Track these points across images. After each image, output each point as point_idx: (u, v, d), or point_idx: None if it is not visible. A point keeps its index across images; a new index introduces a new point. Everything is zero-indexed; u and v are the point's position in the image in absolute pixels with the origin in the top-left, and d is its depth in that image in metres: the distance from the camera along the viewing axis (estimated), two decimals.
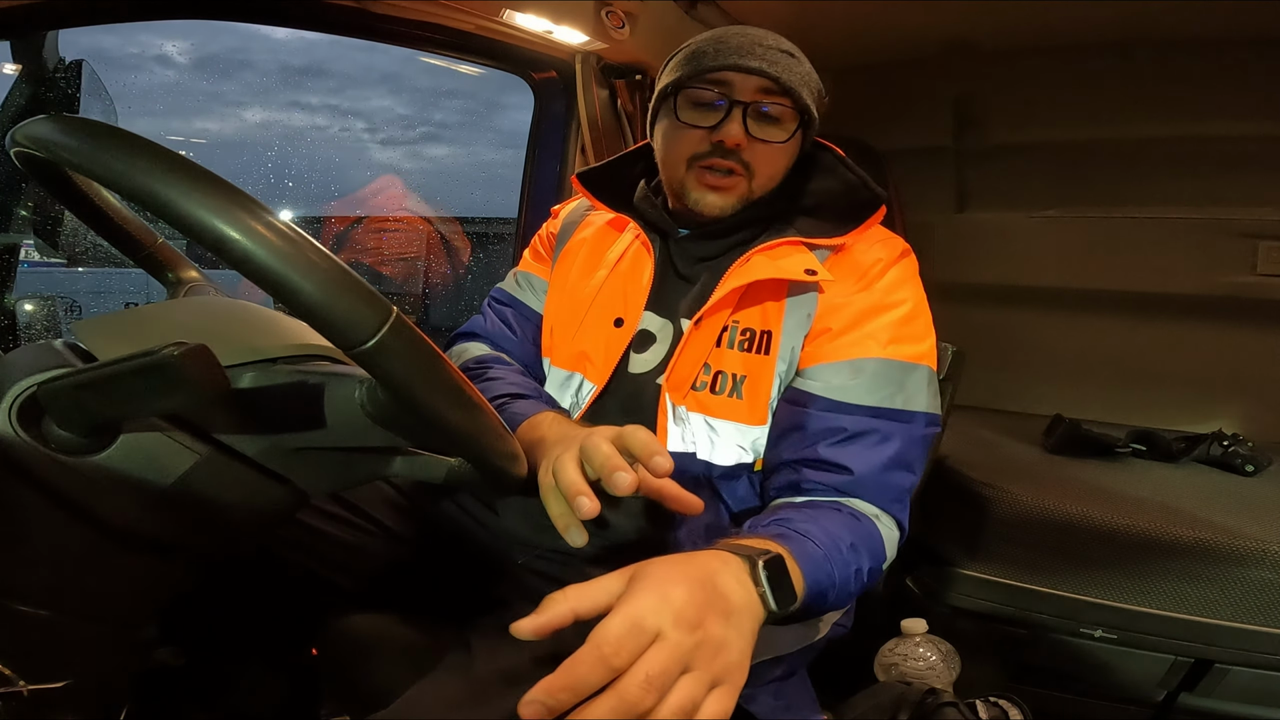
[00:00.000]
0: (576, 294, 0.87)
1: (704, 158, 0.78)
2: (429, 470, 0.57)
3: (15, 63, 1.00)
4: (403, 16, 1.22)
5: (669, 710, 0.40)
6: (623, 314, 0.82)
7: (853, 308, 0.76)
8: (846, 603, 0.67)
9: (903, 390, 0.74)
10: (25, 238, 1.09)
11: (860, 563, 0.66)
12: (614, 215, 0.89)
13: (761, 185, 0.80)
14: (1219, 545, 1.00)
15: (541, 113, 1.53)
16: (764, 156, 0.78)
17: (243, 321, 0.57)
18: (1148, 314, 1.56)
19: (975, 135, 1.62)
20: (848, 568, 0.64)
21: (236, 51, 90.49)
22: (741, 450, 0.77)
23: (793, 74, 0.77)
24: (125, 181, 0.36)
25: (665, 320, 0.82)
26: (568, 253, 0.92)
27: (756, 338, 0.76)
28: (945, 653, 0.98)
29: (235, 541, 0.58)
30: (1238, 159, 1.41)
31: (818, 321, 0.76)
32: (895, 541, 0.73)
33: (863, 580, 0.67)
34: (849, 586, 0.65)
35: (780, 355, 0.76)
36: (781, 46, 0.79)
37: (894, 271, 0.78)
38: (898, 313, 0.76)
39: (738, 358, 0.76)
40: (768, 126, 0.78)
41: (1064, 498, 1.10)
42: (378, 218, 2.43)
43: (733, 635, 0.45)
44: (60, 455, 0.45)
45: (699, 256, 0.83)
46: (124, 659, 0.56)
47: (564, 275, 0.90)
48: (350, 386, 0.48)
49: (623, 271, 0.85)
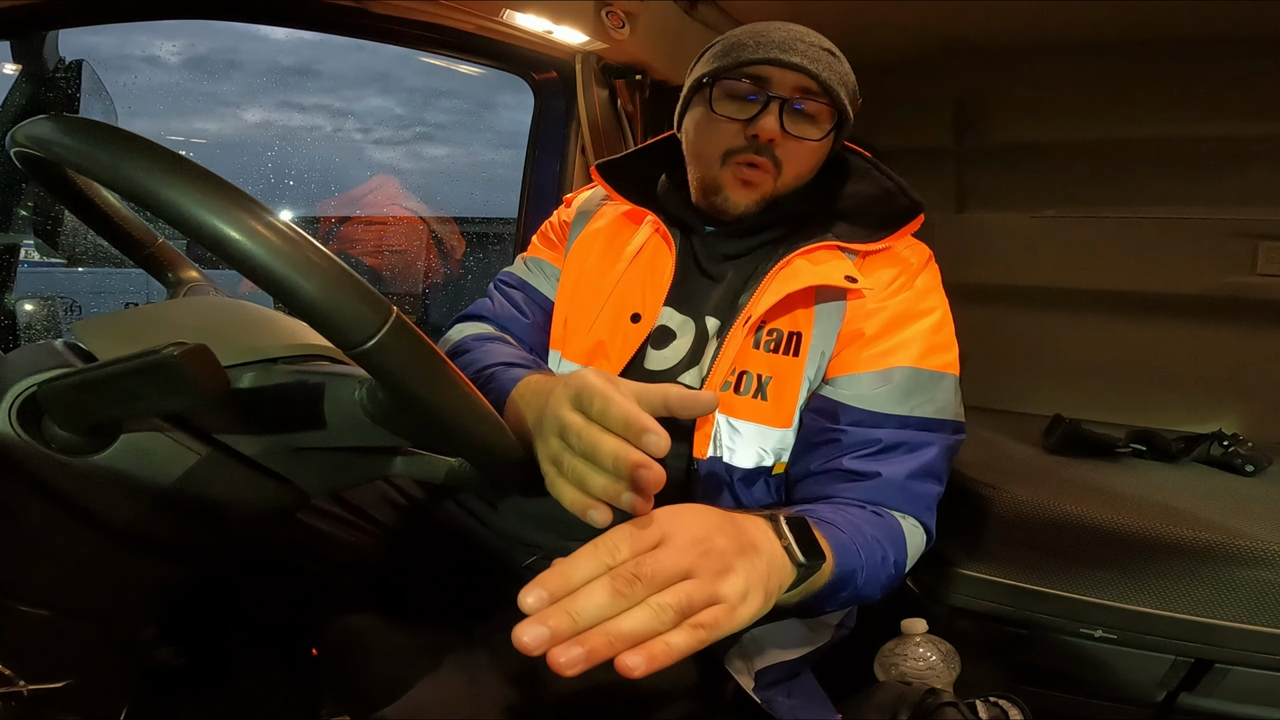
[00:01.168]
0: (593, 287, 0.84)
1: (739, 153, 0.76)
2: (429, 470, 0.57)
3: (15, 63, 1.00)
4: (402, 16, 1.22)
5: (660, 603, 0.38)
6: (640, 309, 0.80)
7: (886, 313, 0.75)
8: (878, 592, 0.65)
9: (933, 400, 0.73)
10: (25, 238, 1.09)
11: (886, 552, 0.65)
12: (631, 207, 0.87)
13: (787, 184, 0.79)
14: (1219, 545, 1.00)
15: (541, 113, 1.53)
16: (795, 154, 0.77)
17: (243, 321, 0.57)
18: (1148, 314, 1.56)
19: (975, 135, 1.62)
20: (874, 553, 0.63)
21: (229, 52, 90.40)
22: (762, 453, 0.76)
23: (833, 73, 0.76)
24: (125, 181, 0.36)
25: (686, 318, 0.80)
26: (581, 243, 0.89)
27: (785, 339, 0.75)
28: (945, 653, 0.98)
29: (235, 541, 0.58)
30: (1238, 159, 1.41)
31: (848, 325, 0.75)
32: (920, 546, 0.72)
33: (890, 570, 0.66)
34: (878, 574, 0.63)
35: (810, 358, 0.74)
36: (823, 44, 0.78)
37: (924, 277, 0.78)
38: (929, 321, 0.76)
39: (765, 359, 0.75)
40: (803, 124, 0.77)
41: (1064, 498, 1.10)
42: (370, 218, 2.43)
43: (743, 566, 0.43)
44: (60, 455, 0.45)
45: (725, 254, 0.82)
46: (124, 659, 0.56)
47: (578, 266, 0.87)
48: (350, 386, 0.48)
49: (641, 266, 0.83)
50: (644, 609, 0.37)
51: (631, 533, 0.40)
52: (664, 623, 0.37)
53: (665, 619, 0.37)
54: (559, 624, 0.36)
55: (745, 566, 0.43)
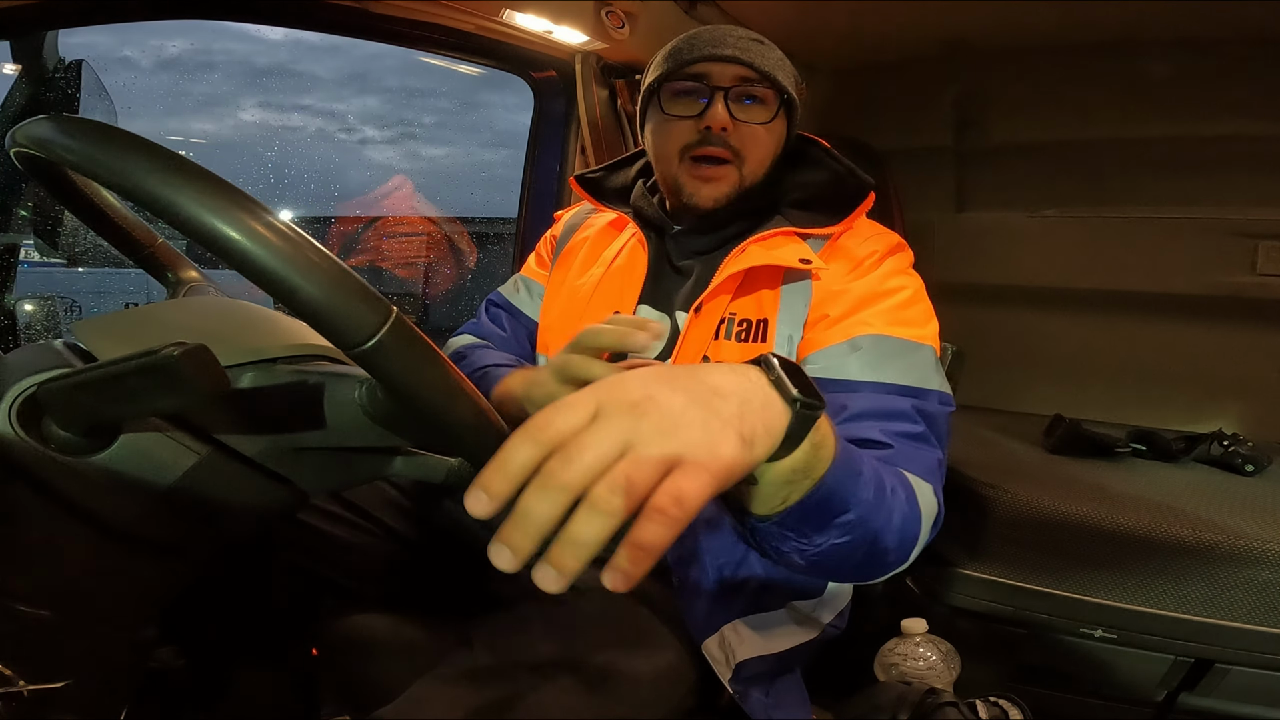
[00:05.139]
0: (574, 291, 0.89)
1: (694, 147, 0.80)
2: (429, 470, 0.57)
3: (15, 63, 1.00)
4: (403, 16, 1.22)
5: (600, 496, 0.32)
6: (618, 308, 0.84)
7: (850, 295, 0.75)
8: (892, 537, 0.57)
9: (912, 367, 0.71)
10: (25, 238, 1.09)
11: (896, 486, 0.58)
12: (615, 215, 0.92)
13: (752, 172, 0.81)
14: (1219, 545, 1.00)
15: (541, 113, 1.53)
16: (751, 139, 0.80)
17: (243, 321, 0.57)
18: (1148, 314, 1.56)
19: (975, 135, 1.62)
20: (881, 477, 0.56)
21: (222, 53, 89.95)
22: None
23: (766, 59, 0.80)
24: (125, 181, 0.36)
25: (661, 313, 0.83)
26: (567, 253, 0.94)
27: (753, 327, 0.77)
28: (945, 653, 0.98)
29: (235, 541, 0.58)
30: (1238, 159, 1.41)
31: (814, 310, 0.76)
32: (932, 509, 0.63)
33: (904, 508, 0.58)
34: (888, 503, 0.56)
35: (777, 344, 0.76)
36: (751, 36, 0.82)
37: (890, 262, 0.79)
38: (896, 299, 0.75)
39: (736, 349, 0.77)
40: (750, 109, 0.80)
41: (1064, 498, 1.10)
42: (367, 217, 2.44)
43: (698, 414, 0.36)
44: (60, 455, 0.45)
45: (693, 250, 0.85)
46: (124, 659, 0.56)
47: (562, 275, 0.92)
48: (350, 386, 0.48)
49: (619, 268, 0.87)
50: (589, 509, 0.32)
51: (560, 410, 0.34)
52: (616, 516, 0.32)
53: (616, 511, 0.32)
54: (519, 542, 0.32)
55: (701, 414, 0.36)
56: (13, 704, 0.46)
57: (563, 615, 0.67)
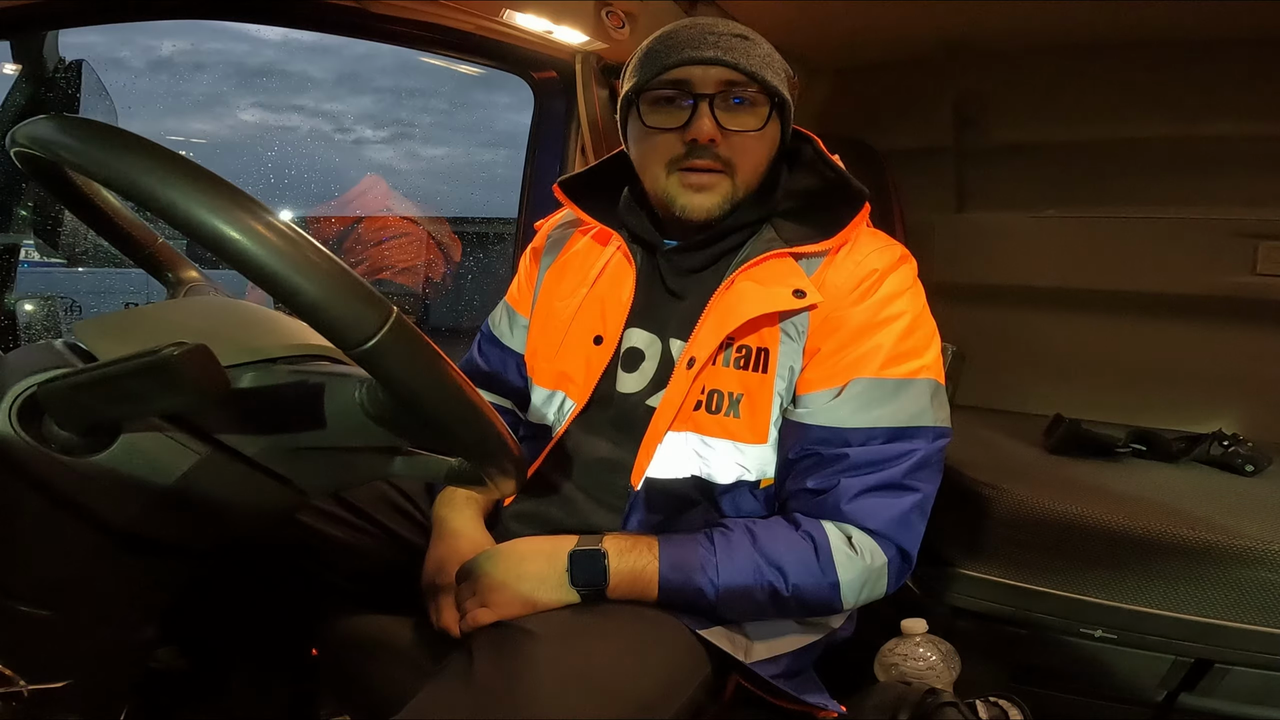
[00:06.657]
0: (557, 314, 0.84)
1: (682, 160, 0.74)
2: (429, 470, 0.57)
3: (15, 63, 1.00)
4: (402, 16, 1.22)
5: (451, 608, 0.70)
6: (601, 331, 0.80)
7: (848, 325, 0.73)
8: (768, 610, 0.71)
9: (901, 409, 0.72)
10: (25, 238, 1.09)
11: (775, 579, 0.69)
12: (599, 229, 0.85)
13: (745, 181, 0.76)
14: (1219, 545, 1.00)
15: (541, 113, 1.53)
16: (741, 149, 0.75)
17: (243, 321, 0.57)
18: (1148, 314, 1.56)
19: (975, 135, 1.62)
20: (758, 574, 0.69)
21: (214, 53, 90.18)
22: (742, 469, 0.75)
23: (752, 57, 0.73)
24: (125, 181, 0.36)
25: (654, 337, 0.80)
26: (552, 273, 0.89)
27: (753, 356, 0.74)
28: (945, 653, 0.98)
29: (235, 541, 0.58)
30: (1238, 159, 1.41)
31: (810, 340, 0.74)
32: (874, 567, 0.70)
33: (785, 591, 0.69)
34: (755, 595, 0.69)
35: (779, 374, 0.74)
36: (734, 31, 0.75)
37: (891, 282, 0.75)
38: (895, 328, 0.73)
39: (734, 376, 0.74)
40: (739, 115, 0.74)
41: (1064, 498, 1.10)
42: (354, 217, 2.43)
43: (512, 582, 0.68)
44: (60, 455, 0.45)
45: (687, 268, 0.80)
46: (124, 659, 0.56)
47: (547, 297, 0.87)
48: (350, 386, 0.48)
49: (602, 288, 0.82)
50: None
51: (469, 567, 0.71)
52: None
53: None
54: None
55: (514, 583, 0.68)
56: (13, 704, 0.47)
57: (563, 617, 0.67)
